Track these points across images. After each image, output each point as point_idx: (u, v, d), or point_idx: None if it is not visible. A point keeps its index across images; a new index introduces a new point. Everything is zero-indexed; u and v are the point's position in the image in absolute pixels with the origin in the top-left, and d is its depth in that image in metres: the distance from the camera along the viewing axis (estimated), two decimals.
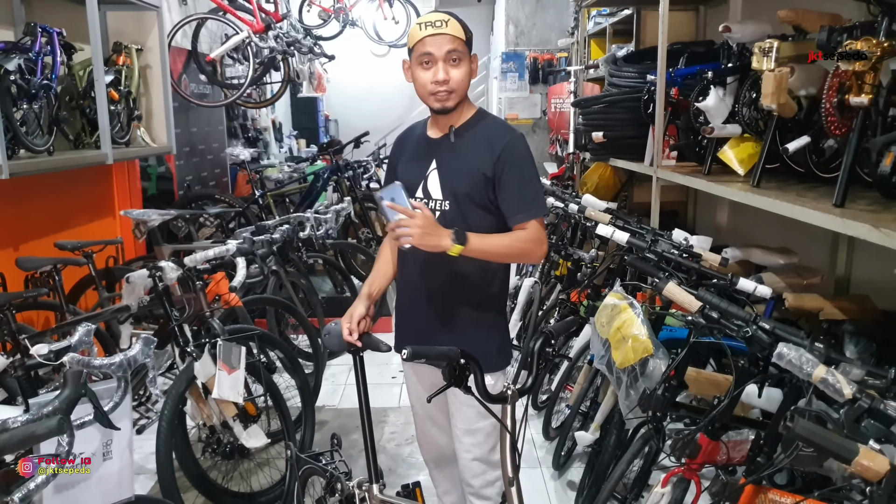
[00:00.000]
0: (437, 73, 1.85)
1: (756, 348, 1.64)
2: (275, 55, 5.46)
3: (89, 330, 1.85)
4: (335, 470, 1.94)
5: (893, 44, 1.85)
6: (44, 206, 3.67)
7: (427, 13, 1.93)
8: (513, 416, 1.61)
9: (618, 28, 5.11)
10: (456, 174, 1.94)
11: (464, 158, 1.94)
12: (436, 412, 2.14)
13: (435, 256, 1.90)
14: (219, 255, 2.83)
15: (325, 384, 3.86)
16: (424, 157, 2.00)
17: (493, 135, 1.94)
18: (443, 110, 1.91)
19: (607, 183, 4.65)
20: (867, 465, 1.12)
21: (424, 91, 1.90)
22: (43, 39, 3.13)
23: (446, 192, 1.95)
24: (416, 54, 1.88)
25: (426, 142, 2.02)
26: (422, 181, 1.98)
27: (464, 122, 1.98)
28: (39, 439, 1.29)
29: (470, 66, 1.90)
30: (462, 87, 1.90)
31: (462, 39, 1.86)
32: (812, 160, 2.39)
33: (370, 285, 2.07)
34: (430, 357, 1.62)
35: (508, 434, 1.60)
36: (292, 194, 6.28)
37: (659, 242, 2.48)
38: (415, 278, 2.04)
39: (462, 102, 1.93)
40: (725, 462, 1.87)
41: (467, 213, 1.93)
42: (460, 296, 1.99)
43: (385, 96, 10.53)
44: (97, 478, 1.90)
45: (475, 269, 1.96)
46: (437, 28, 1.83)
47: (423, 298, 2.04)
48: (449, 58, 1.85)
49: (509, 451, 1.60)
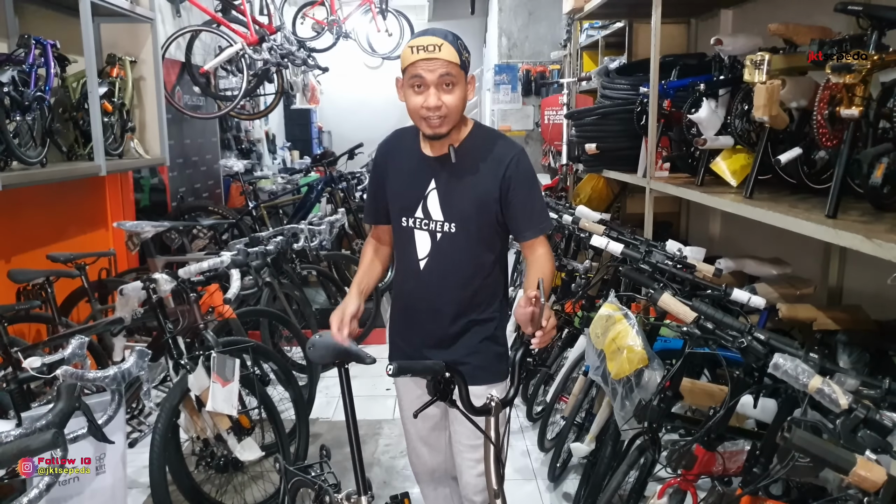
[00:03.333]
0: (428, 99, 1.78)
1: (751, 359, 1.65)
2: (269, 67, 5.47)
3: (83, 343, 1.85)
4: (324, 482, 1.93)
5: (883, 57, 1.88)
6: (36, 217, 3.66)
7: (420, 32, 1.83)
8: (496, 427, 1.60)
9: (610, 40, 5.15)
10: (459, 196, 1.90)
11: (467, 179, 1.90)
12: (427, 431, 2.12)
13: (436, 268, 1.91)
14: (213, 267, 2.82)
15: (318, 396, 3.84)
16: (420, 175, 1.95)
17: (497, 152, 1.90)
18: (434, 137, 1.85)
19: (600, 194, 4.67)
20: (864, 475, 1.13)
21: (416, 115, 1.84)
22: (37, 51, 3.12)
23: (449, 214, 1.91)
24: (408, 76, 1.81)
25: (421, 159, 1.96)
26: (420, 201, 1.93)
27: (462, 139, 1.92)
28: (34, 453, 1.28)
29: (465, 88, 1.83)
30: (456, 112, 1.83)
31: (456, 63, 1.78)
32: (804, 171, 2.41)
33: (360, 284, 2.03)
34: (415, 371, 1.63)
35: (493, 446, 1.58)
36: (286, 206, 6.28)
37: (653, 253, 2.49)
38: (414, 291, 2.01)
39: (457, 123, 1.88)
40: (721, 473, 1.87)
41: (473, 233, 1.91)
42: (462, 308, 1.96)
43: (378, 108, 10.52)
44: (90, 492, 1.89)
45: (477, 280, 1.95)
46: (429, 53, 1.75)
47: (423, 311, 2.01)
48: (442, 83, 1.77)
49: (493, 463, 1.58)
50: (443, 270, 1.94)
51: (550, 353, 3.46)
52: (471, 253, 1.93)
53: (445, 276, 1.94)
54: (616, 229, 3.16)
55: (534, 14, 7.79)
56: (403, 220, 1.97)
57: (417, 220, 1.94)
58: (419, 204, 1.93)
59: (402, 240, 2.00)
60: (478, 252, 1.94)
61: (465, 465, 2.01)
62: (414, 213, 1.94)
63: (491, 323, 1.99)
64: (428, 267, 1.95)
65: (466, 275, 1.94)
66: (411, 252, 1.97)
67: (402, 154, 2.01)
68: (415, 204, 1.94)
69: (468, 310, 1.96)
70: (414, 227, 1.96)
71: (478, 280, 1.95)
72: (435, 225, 1.92)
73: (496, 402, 1.60)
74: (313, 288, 5.32)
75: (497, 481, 1.59)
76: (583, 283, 3.49)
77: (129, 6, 3.95)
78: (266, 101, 6.42)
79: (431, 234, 1.94)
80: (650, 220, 3.26)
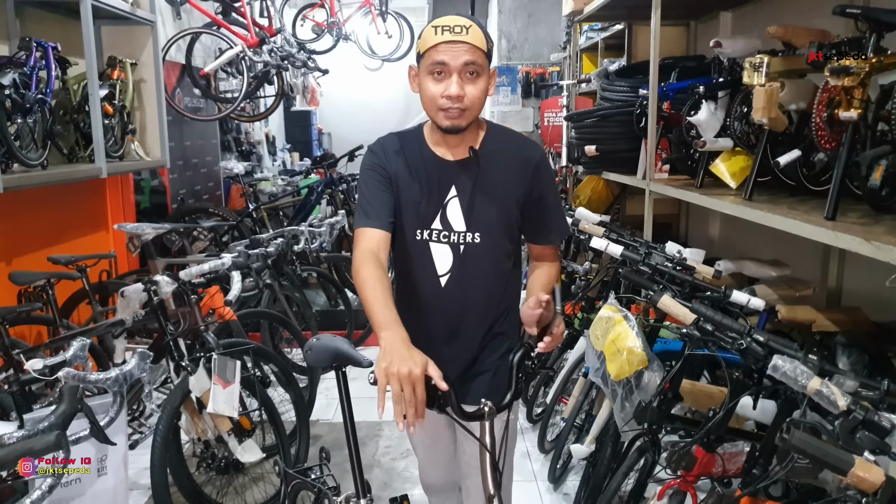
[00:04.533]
0: (449, 87, 1.60)
1: (751, 360, 1.65)
2: (269, 69, 5.47)
3: (84, 345, 1.85)
4: (323, 485, 1.93)
5: (881, 59, 1.89)
6: (37, 219, 3.66)
7: (445, 16, 1.62)
8: (491, 433, 1.52)
9: (609, 43, 5.17)
10: (484, 202, 1.74)
11: (491, 183, 1.74)
12: (435, 453, 2.05)
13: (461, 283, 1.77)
14: (214, 269, 2.83)
15: (319, 398, 3.85)
16: (437, 182, 1.75)
17: (520, 153, 1.77)
18: (452, 129, 1.66)
19: (600, 196, 4.68)
20: (863, 476, 1.13)
21: (433, 105, 1.65)
22: (38, 54, 3.13)
23: (474, 224, 1.74)
24: (428, 62, 1.61)
25: (437, 164, 1.75)
26: (439, 211, 1.74)
27: (481, 141, 1.76)
28: (37, 455, 1.28)
29: (487, 81, 1.66)
30: (477, 106, 1.65)
31: (483, 51, 1.61)
32: (803, 173, 2.42)
33: (395, 310, 1.55)
34: None
35: (488, 453, 1.50)
36: (286, 207, 6.29)
37: (653, 255, 2.50)
38: (434, 310, 1.82)
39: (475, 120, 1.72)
40: (721, 474, 1.88)
41: (497, 242, 1.78)
42: (487, 323, 1.83)
43: (378, 110, 10.54)
44: (92, 494, 1.90)
45: (499, 292, 1.83)
46: (455, 34, 1.57)
47: (442, 333, 1.81)
48: (465, 70, 1.60)
49: (490, 469, 1.51)
50: (468, 286, 1.78)
51: (550, 354, 3.47)
52: (495, 263, 1.80)
53: (471, 291, 1.79)
54: (616, 231, 3.16)
55: (533, 16, 7.80)
56: (417, 234, 1.77)
57: (435, 231, 1.76)
58: (437, 214, 1.75)
59: (413, 256, 1.80)
60: (501, 261, 1.81)
61: (473, 488, 1.90)
62: (430, 224, 1.75)
63: (507, 335, 1.88)
64: (451, 283, 1.78)
65: (492, 288, 1.81)
66: (427, 268, 1.78)
67: (409, 158, 1.77)
68: (432, 215, 1.75)
69: (492, 324, 1.84)
70: (429, 241, 1.77)
71: (500, 291, 1.83)
72: (457, 237, 1.75)
73: (489, 406, 1.53)
74: (313, 290, 5.32)
75: (494, 487, 1.51)
76: (582, 284, 3.50)
77: (129, 9, 3.96)
78: (266, 103, 6.43)
79: (454, 247, 1.76)
80: (650, 222, 3.27)
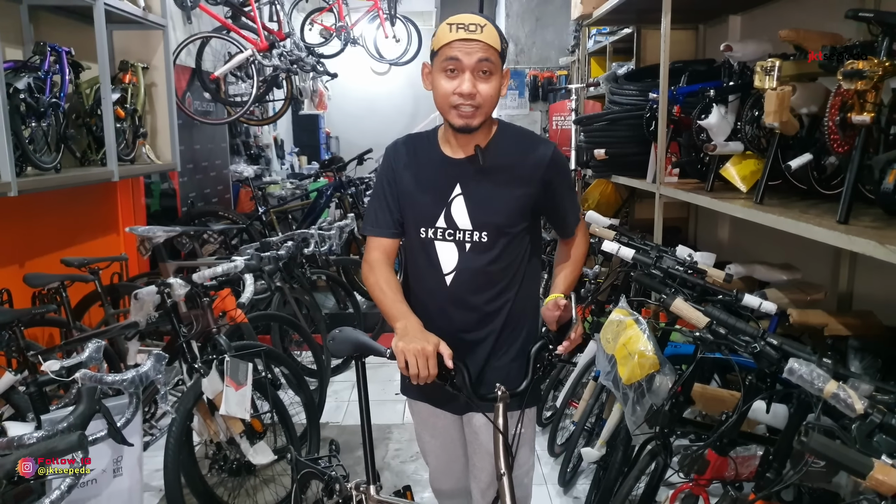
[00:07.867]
0: (462, 85, 1.62)
1: (764, 364, 1.66)
2: (278, 73, 5.51)
3: (99, 346, 1.87)
4: (333, 473, 1.94)
5: (894, 63, 1.89)
6: (50, 222, 3.69)
7: (460, 14, 1.65)
8: (505, 416, 1.59)
9: (618, 46, 5.17)
10: (490, 202, 1.75)
11: (501, 182, 1.75)
12: (448, 462, 2.06)
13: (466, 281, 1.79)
14: (227, 272, 2.84)
15: (328, 401, 3.86)
16: (443, 180, 1.77)
17: (532, 151, 1.76)
18: (465, 128, 1.68)
19: (609, 199, 4.68)
20: (882, 479, 1.13)
21: (445, 103, 1.67)
22: (52, 58, 3.16)
23: (478, 222, 1.75)
24: (441, 59, 1.64)
25: (442, 162, 1.78)
26: (443, 209, 1.77)
27: (490, 139, 1.77)
28: (60, 455, 1.30)
29: (500, 81, 1.68)
30: (490, 105, 1.67)
31: (497, 50, 1.64)
32: (814, 177, 2.42)
33: (406, 304, 1.72)
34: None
35: (501, 434, 1.57)
36: (294, 211, 6.31)
37: (664, 258, 2.50)
38: (441, 308, 1.83)
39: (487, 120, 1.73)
40: (734, 478, 1.88)
41: (505, 241, 1.78)
42: (494, 324, 1.83)
43: (386, 113, 10.57)
44: (107, 494, 1.91)
45: (511, 292, 1.83)
46: (469, 32, 1.60)
47: (449, 330, 1.76)
48: (479, 69, 1.62)
49: (503, 451, 1.58)
50: (475, 284, 1.80)
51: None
52: (504, 262, 1.80)
53: (477, 290, 1.80)
54: (626, 234, 3.16)
55: (541, 20, 7.81)
56: (422, 231, 1.80)
57: (439, 230, 1.78)
58: (441, 212, 1.77)
59: (419, 254, 1.83)
60: (510, 260, 1.80)
61: (483, 501, 1.94)
62: (434, 222, 1.78)
63: (520, 332, 1.87)
64: (456, 282, 1.80)
65: (501, 286, 1.81)
66: (433, 266, 1.81)
67: (418, 157, 1.82)
68: (436, 213, 1.77)
69: (504, 322, 1.83)
70: (434, 239, 1.79)
71: (510, 289, 1.83)
72: (462, 235, 1.76)
73: (503, 391, 1.58)
74: (322, 292, 5.34)
75: (506, 468, 1.56)
76: (592, 288, 3.49)
77: (141, 13, 3.99)
78: (275, 106, 6.46)
79: (459, 246, 1.78)
80: (660, 226, 3.27)
